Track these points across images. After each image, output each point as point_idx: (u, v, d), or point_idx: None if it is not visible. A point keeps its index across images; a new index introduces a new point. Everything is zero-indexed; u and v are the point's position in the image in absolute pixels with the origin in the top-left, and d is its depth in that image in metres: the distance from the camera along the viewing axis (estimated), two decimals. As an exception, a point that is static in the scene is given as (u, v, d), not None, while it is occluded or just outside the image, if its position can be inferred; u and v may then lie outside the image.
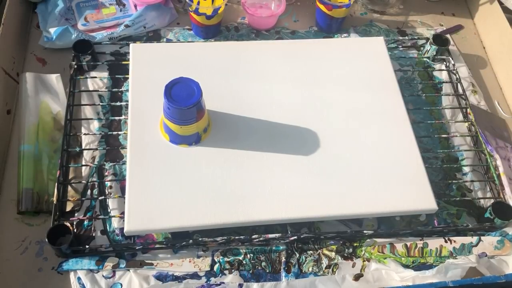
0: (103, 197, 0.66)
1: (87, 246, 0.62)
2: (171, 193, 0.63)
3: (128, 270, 0.62)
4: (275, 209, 0.63)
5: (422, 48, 0.88)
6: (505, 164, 0.74)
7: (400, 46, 0.88)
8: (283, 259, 0.65)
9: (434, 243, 0.68)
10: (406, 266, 0.65)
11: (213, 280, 0.62)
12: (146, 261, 0.63)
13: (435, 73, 0.85)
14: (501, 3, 0.91)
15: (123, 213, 0.62)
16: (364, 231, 0.66)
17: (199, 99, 0.61)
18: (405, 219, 0.70)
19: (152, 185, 0.63)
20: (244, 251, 0.65)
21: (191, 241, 0.63)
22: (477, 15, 0.95)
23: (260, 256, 0.65)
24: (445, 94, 0.82)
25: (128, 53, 0.76)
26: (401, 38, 0.89)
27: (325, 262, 0.65)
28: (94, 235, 0.64)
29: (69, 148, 0.69)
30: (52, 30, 0.79)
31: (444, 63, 0.86)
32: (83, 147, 0.70)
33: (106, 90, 0.76)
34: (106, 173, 0.69)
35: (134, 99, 0.70)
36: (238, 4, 0.90)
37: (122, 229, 0.63)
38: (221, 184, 0.64)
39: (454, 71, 0.84)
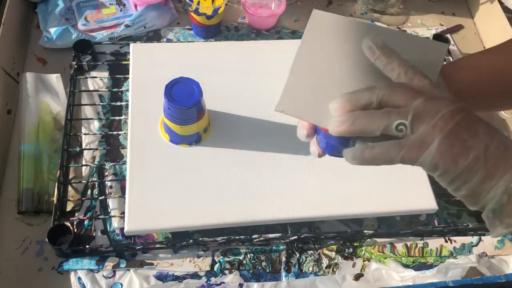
0: (103, 197, 0.66)
1: (87, 246, 0.62)
2: (171, 193, 0.63)
3: (129, 270, 0.62)
4: (275, 209, 0.63)
5: (422, 48, 0.88)
6: (506, 164, 0.74)
7: (400, 46, 0.88)
8: (283, 259, 0.65)
9: (434, 243, 0.68)
10: (406, 266, 0.65)
11: (213, 280, 0.62)
12: (147, 261, 0.63)
13: (435, 73, 0.85)
14: (501, 3, 0.91)
15: (123, 213, 0.62)
16: (364, 231, 0.66)
17: (199, 99, 0.61)
18: (405, 219, 0.69)
19: (152, 185, 0.63)
20: (245, 251, 0.65)
21: (191, 241, 0.63)
22: (477, 14, 0.95)
23: (261, 256, 0.65)
24: (445, 94, 0.82)
25: (128, 53, 0.76)
26: (401, 38, 0.89)
27: (325, 262, 0.65)
28: (94, 235, 0.64)
29: (69, 148, 0.69)
30: (52, 30, 0.79)
31: (445, 62, 0.86)
32: (83, 147, 0.70)
33: (106, 90, 0.76)
34: (106, 173, 0.69)
35: (134, 99, 0.70)
36: (238, 4, 0.90)
37: (122, 229, 0.63)
38: (222, 184, 0.64)
39: (454, 71, 0.83)
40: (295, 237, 0.65)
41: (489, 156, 0.35)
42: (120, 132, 0.72)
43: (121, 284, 0.61)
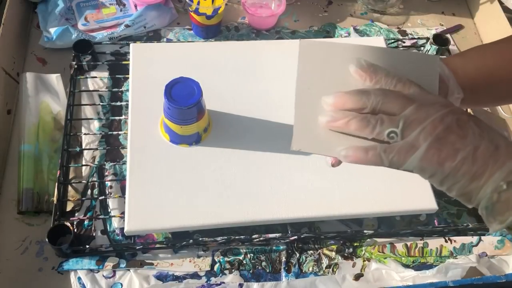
0: (103, 197, 0.66)
1: (87, 246, 0.62)
2: (171, 193, 0.63)
3: (129, 270, 0.62)
4: (275, 209, 0.63)
5: (422, 48, 0.88)
6: (506, 164, 0.74)
7: (401, 46, 0.88)
8: (283, 259, 0.65)
9: (434, 243, 0.68)
10: (406, 266, 0.65)
11: (213, 280, 0.62)
12: (147, 261, 0.63)
13: (435, 73, 0.85)
14: (501, 3, 0.91)
15: (123, 213, 0.62)
16: (364, 231, 0.66)
17: (199, 99, 0.61)
18: (405, 219, 0.70)
19: (152, 185, 0.63)
20: (245, 251, 0.65)
21: (191, 241, 0.63)
22: (477, 14, 0.95)
23: (261, 256, 0.65)
24: (445, 94, 0.82)
25: (128, 53, 0.76)
26: (401, 37, 0.89)
27: (325, 262, 0.65)
28: (94, 235, 0.64)
29: (69, 148, 0.69)
30: (52, 30, 0.79)
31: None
32: (83, 147, 0.70)
33: (106, 90, 0.76)
34: (106, 173, 0.69)
35: (134, 99, 0.70)
36: (238, 4, 0.90)
37: (122, 229, 0.63)
38: (221, 184, 0.64)
39: (454, 71, 0.83)
40: (295, 237, 0.65)
41: (477, 157, 0.36)
42: (120, 132, 0.72)
43: (121, 284, 0.61)
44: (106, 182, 0.68)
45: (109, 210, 0.66)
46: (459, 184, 0.37)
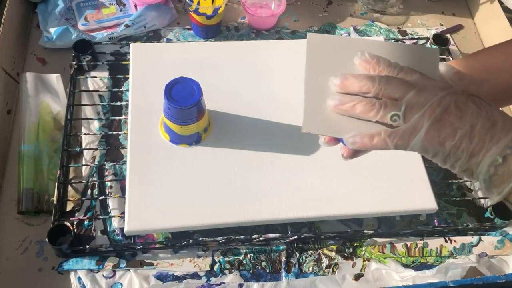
0: (103, 197, 0.66)
1: (87, 246, 0.62)
2: (171, 193, 0.63)
3: (129, 270, 0.62)
4: (275, 209, 0.63)
5: (422, 47, 0.88)
6: (506, 164, 0.74)
7: (400, 46, 0.88)
8: (283, 259, 0.65)
9: (434, 243, 0.68)
10: (406, 266, 0.65)
11: (213, 280, 0.62)
12: (147, 261, 0.63)
13: (435, 73, 0.85)
14: (501, 3, 0.91)
15: (123, 213, 0.62)
16: (364, 231, 0.66)
17: (199, 99, 0.61)
18: (405, 219, 0.70)
19: (152, 185, 0.63)
20: (245, 251, 0.65)
21: (191, 241, 0.63)
22: (477, 14, 0.95)
23: (260, 256, 0.65)
24: (445, 93, 0.82)
25: (128, 53, 0.76)
26: (401, 37, 0.89)
27: (325, 262, 0.65)
28: (94, 235, 0.64)
29: (69, 148, 0.69)
30: (52, 30, 0.79)
31: (445, 63, 0.86)
32: (83, 147, 0.70)
33: (106, 90, 0.76)
34: (106, 173, 0.69)
35: (134, 99, 0.70)
36: (238, 4, 0.90)
37: (122, 229, 0.63)
38: (221, 184, 0.64)
39: (454, 71, 0.83)
40: (295, 237, 0.65)
41: (474, 134, 0.39)
42: (120, 132, 0.72)
43: (121, 284, 0.61)
44: (106, 182, 0.68)
45: (109, 210, 0.66)
46: (460, 161, 0.39)
